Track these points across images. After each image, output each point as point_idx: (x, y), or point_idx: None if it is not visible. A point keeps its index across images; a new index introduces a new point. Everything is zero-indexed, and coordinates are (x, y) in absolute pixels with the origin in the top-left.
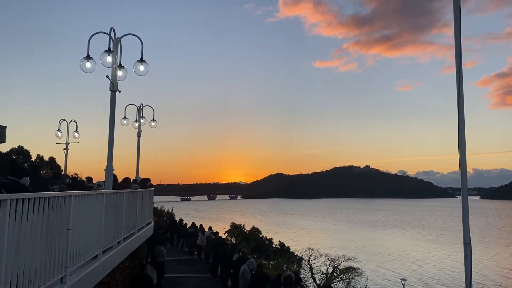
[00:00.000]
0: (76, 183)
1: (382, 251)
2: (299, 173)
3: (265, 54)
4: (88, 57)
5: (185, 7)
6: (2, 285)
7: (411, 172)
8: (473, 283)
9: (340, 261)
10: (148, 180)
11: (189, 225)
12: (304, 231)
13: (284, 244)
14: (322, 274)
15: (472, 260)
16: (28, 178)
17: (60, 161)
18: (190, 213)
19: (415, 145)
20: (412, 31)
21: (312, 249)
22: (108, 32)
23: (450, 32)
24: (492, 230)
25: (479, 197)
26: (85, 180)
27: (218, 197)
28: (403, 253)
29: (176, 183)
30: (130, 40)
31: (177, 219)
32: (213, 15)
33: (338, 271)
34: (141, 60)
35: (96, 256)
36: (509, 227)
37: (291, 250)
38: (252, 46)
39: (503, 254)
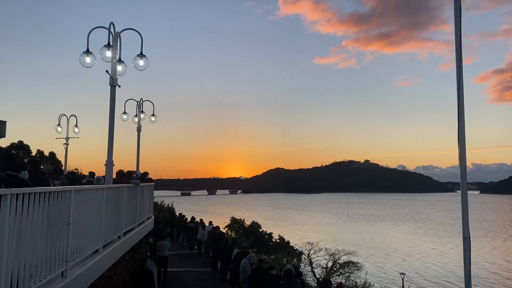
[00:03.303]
0: (74, 178)
1: (381, 246)
2: (299, 168)
3: (265, 51)
4: (87, 52)
5: (186, 5)
6: (4, 279)
7: (411, 167)
8: (472, 277)
9: (340, 255)
10: (146, 174)
11: (189, 219)
12: (303, 226)
13: (284, 239)
14: (321, 268)
15: (471, 254)
16: (26, 172)
17: (60, 156)
18: (190, 207)
19: (414, 140)
20: (411, 28)
21: (312, 243)
22: (108, 27)
23: (448, 29)
24: (492, 224)
25: (479, 192)
26: (87, 175)
27: (218, 191)
28: (402, 247)
29: (176, 178)
30: (130, 34)
31: (177, 214)
32: (213, 13)
33: (337, 265)
34: (141, 55)
35: (96, 250)
36: (508, 221)
37: (291, 245)
38: (252, 44)
39: (502, 248)
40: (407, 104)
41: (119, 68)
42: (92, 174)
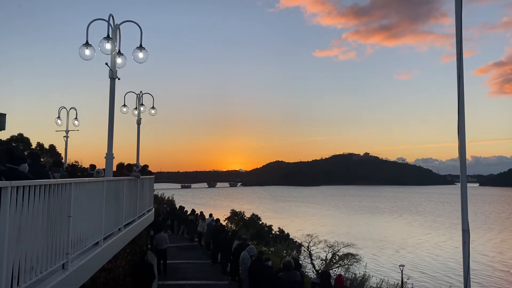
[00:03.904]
0: (75, 171)
1: (380, 238)
2: (298, 161)
3: (266, 43)
4: (87, 44)
5: None
6: (5, 271)
7: (410, 160)
8: (470, 269)
9: (339, 248)
10: (147, 166)
11: (189, 212)
12: (303, 218)
13: (283, 231)
14: (321, 260)
15: (470, 246)
16: (26, 165)
17: (60, 149)
18: (190, 200)
19: (414, 132)
20: (411, 21)
21: (311, 236)
22: (107, 19)
23: (448, 21)
24: (489, 217)
25: (478, 184)
26: (88, 167)
27: (218, 184)
28: (401, 239)
29: (176, 171)
30: (129, 27)
31: (178, 206)
32: (213, 5)
33: (337, 257)
34: (140, 47)
35: (97, 242)
36: (507, 213)
37: (290, 237)
38: (252, 36)
39: (501, 240)
40: (407, 97)
41: (119, 60)
42: (93, 166)
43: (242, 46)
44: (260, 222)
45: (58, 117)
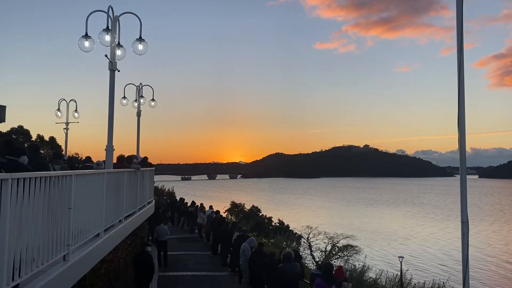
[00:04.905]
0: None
1: (380, 229)
2: (298, 153)
3: (265, 36)
4: (86, 36)
5: None
6: (6, 263)
7: (410, 152)
8: (469, 260)
9: (339, 239)
10: (147, 158)
11: (189, 204)
12: (303, 210)
13: (283, 223)
14: (321, 251)
15: (469, 237)
16: (26, 157)
17: (60, 141)
18: (190, 192)
19: (414, 125)
20: (411, 13)
21: (311, 227)
22: (106, 11)
23: (448, 14)
24: (489, 208)
25: (477, 176)
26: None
27: (218, 176)
28: (400, 230)
29: (177, 163)
30: (129, 18)
31: (178, 198)
32: None
33: (336, 249)
34: (140, 39)
35: (98, 234)
36: (506, 205)
37: (290, 228)
38: (252, 29)
39: (500, 232)
40: (407, 89)
41: (118, 52)
42: (88, 158)
43: (242, 38)
44: (260, 214)
45: (58, 109)
